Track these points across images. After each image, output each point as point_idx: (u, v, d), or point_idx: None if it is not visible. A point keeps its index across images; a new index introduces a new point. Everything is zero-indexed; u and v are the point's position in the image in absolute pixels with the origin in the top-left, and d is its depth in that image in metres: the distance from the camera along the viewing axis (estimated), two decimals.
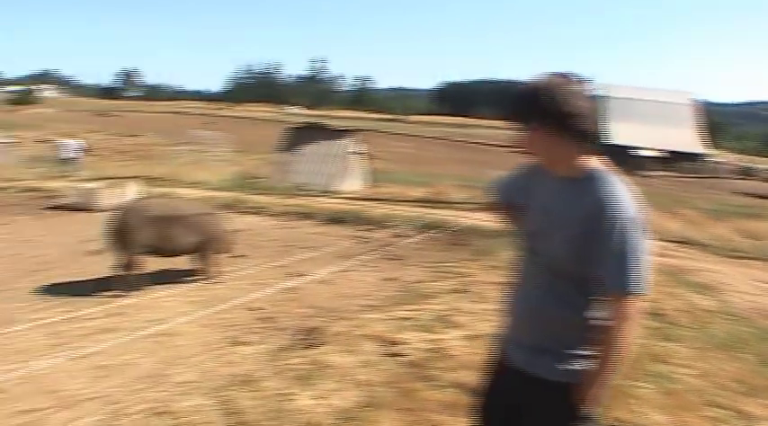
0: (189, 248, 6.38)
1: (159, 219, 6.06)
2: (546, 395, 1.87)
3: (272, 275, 6.60)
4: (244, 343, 4.86)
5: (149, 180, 13.40)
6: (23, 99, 74.49)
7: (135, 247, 6.01)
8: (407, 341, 4.48)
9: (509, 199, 2.11)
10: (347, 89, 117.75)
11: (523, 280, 1.98)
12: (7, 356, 4.49)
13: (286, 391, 3.70)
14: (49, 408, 3.82)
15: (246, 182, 14.73)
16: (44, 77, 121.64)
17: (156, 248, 6.15)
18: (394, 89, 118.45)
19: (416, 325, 4.86)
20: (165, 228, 6.07)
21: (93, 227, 9.44)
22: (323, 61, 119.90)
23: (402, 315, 5.06)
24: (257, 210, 10.68)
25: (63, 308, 5.62)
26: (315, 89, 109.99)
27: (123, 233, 5.97)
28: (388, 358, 4.20)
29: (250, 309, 5.45)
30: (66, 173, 16.68)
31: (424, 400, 3.56)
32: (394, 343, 4.39)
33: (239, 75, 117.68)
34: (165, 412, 3.69)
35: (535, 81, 1.80)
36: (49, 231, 9.36)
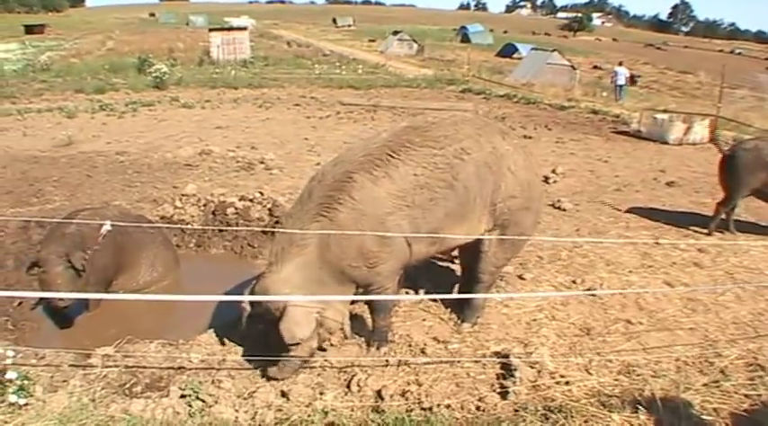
0: None
1: None
2: None
3: None
4: None
5: (713, 120, 12.28)
6: (575, 26, 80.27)
7: (742, 187, 5.57)
8: None
9: None
10: None
11: None
12: (597, 264, 4.88)
13: None
14: (643, 325, 3.96)
15: None
16: (595, 6, 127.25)
17: (762, 193, 5.60)
18: None
19: None
20: None
21: (665, 158, 9.40)
22: None
23: None
24: None
25: (647, 232, 5.75)
26: None
27: (733, 171, 5.58)
28: None
29: None
30: (618, 101, 17.10)
31: None
32: None
33: None
34: (760, 367, 3.45)
35: None
36: (619, 154, 9.75)
